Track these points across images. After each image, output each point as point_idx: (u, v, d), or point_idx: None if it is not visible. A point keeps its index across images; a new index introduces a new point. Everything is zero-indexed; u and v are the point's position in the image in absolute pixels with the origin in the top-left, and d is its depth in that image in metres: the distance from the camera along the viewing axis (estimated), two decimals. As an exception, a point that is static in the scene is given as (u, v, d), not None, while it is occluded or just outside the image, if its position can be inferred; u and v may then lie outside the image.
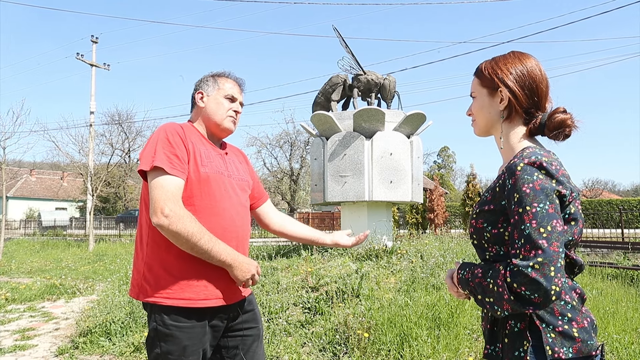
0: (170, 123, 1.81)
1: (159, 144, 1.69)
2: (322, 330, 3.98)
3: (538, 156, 1.15)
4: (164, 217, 1.58)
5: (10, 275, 10.86)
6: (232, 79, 1.95)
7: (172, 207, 1.60)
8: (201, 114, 1.89)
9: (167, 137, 1.70)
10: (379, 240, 6.42)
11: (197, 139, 1.81)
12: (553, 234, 1.08)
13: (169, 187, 1.63)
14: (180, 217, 1.60)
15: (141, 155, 1.73)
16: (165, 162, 1.65)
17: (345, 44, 7.42)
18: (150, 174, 1.67)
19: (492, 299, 1.14)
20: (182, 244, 1.62)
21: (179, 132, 1.74)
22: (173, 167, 1.66)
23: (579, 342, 1.14)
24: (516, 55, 1.30)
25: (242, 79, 1.99)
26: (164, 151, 1.67)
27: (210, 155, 1.80)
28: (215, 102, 1.87)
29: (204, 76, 1.96)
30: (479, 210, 1.27)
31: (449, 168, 60.98)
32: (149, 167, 1.66)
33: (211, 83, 1.91)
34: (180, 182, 1.67)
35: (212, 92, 1.89)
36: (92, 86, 27.99)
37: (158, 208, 1.60)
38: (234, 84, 1.94)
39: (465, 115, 1.43)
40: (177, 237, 1.60)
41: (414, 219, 16.05)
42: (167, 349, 1.65)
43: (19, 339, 5.05)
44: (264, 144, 29.35)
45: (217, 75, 1.95)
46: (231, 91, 1.90)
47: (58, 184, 44.24)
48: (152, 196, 1.63)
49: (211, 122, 1.87)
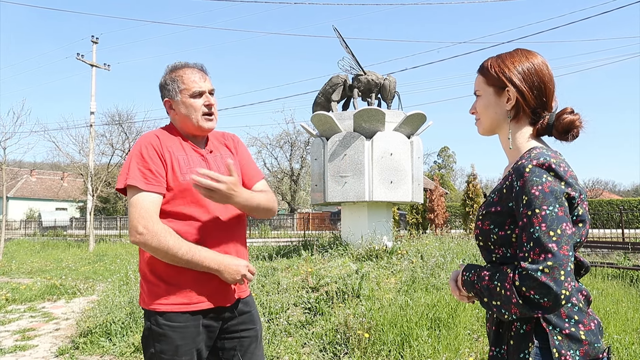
0: (146, 134, 1.77)
1: (132, 160, 1.69)
2: (322, 330, 3.98)
3: (546, 157, 1.13)
4: (138, 235, 1.62)
5: (11, 276, 10.86)
6: (189, 68, 1.80)
7: (145, 224, 1.62)
8: (177, 121, 1.81)
9: (140, 151, 1.69)
10: (379, 241, 6.42)
11: (176, 145, 1.76)
12: (563, 238, 1.06)
13: (143, 204, 1.64)
14: (155, 233, 1.61)
15: (120, 171, 1.74)
16: (139, 179, 1.65)
17: (345, 44, 7.42)
18: (127, 190, 1.69)
19: (500, 302, 1.12)
20: (164, 257, 1.65)
21: (154, 143, 1.71)
22: (148, 182, 1.66)
23: (586, 345, 1.12)
24: (523, 53, 1.27)
25: (201, 64, 1.84)
26: (138, 167, 1.67)
27: (191, 161, 1.75)
28: (184, 106, 1.76)
29: (163, 78, 1.81)
30: (485, 211, 1.24)
31: (449, 168, 60.96)
32: (122, 185, 1.68)
33: (172, 86, 1.77)
34: (156, 197, 1.67)
35: (176, 96, 1.77)
36: (93, 86, 27.98)
37: (133, 228, 1.63)
38: (194, 72, 1.78)
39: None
40: (156, 252, 1.64)
41: (414, 219, 16.05)
42: (161, 349, 1.67)
43: (19, 339, 5.05)
44: (264, 144, 29.34)
45: (174, 71, 1.80)
46: (195, 86, 1.75)
47: (58, 184, 44.26)
48: (129, 215, 1.67)
49: (189, 127, 1.79)
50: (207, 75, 1.83)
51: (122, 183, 1.69)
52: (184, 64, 1.83)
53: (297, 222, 25.43)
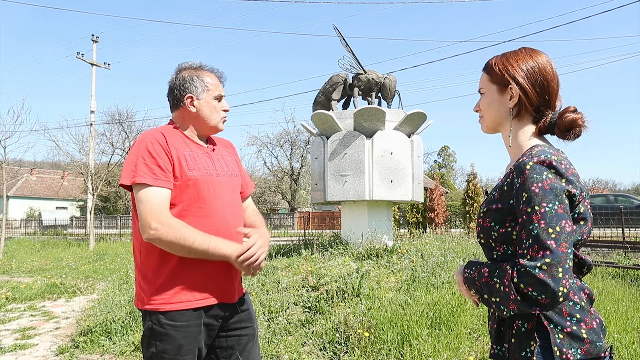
0: (150, 131, 1.78)
1: (139, 156, 1.67)
2: (322, 329, 3.98)
3: (547, 155, 1.13)
4: (152, 230, 1.59)
5: (11, 275, 10.87)
6: (215, 74, 1.86)
7: (158, 220, 1.60)
8: (193, 119, 1.81)
9: (147, 147, 1.68)
10: (379, 240, 6.42)
11: (180, 142, 1.77)
12: (562, 235, 1.07)
13: (154, 199, 1.62)
14: (170, 226, 1.60)
15: (124, 166, 1.72)
16: (147, 176, 1.64)
17: (345, 43, 7.41)
18: (134, 187, 1.66)
19: (499, 298, 1.13)
20: (179, 251, 1.62)
21: (160, 140, 1.71)
22: (157, 177, 1.65)
23: (588, 344, 1.12)
24: (527, 52, 1.27)
25: (222, 71, 1.90)
26: (146, 163, 1.65)
27: (197, 157, 1.77)
28: (209, 107, 1.80)
29: (187, 74, 1.82)
30: (486, 209, 1.25)
31: (450, 167, 60.94)
32: (129, 182, 1.65)
33: (199, 84, 1.80)
34: (166, 192, 1.66)
35: (202, 95, 1.79)
36: (93, 85, 27.99)
37: (146, 224, 1.60)
38: (217, 79, 1.85)
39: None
40: (172, 245, 1.61)
41: (414, 218, 16.05)
42: (163, 348, 1.65)
43: (19, 338, 5.05)
44: (265, 143, 29.36)
45: (199, 70, 1.84)
46: (218, 90, 1.83)
47: (58, 183, 44.26)
48: (139, 212, 1.64)
49: (204, 126, 1.82)
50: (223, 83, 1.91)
51: (128, 180, 1.66)
52: (208, 66, 1.88)
53: (297, 221, 25.45)
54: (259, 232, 1.79)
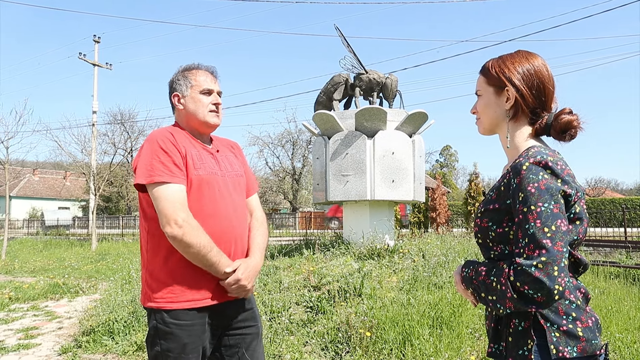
0: (159, 130, 1.80)
1: (154, 155, 1.68)
2: (324, 329, 3.98)
3: (544, 155, 1.15)
4: (177, 227, 1.59)
5: (14, 275, 10.90)
6: (202, 69, 1.89)
7: (184, 217, 1.61)
8: (183, 116, 1.86)
9: (160, 146, 1.70)
10: (381, 239, 6.42)
11: (187, 141, 1.79)
12: (557, 234, 1.08)
13: (175, 195, 1.63)
14: (194, 227, 1.62)
15: (135, 165, 1.73)
16: (164, 173, 1.65)
17: (347, 43, 7.42)
18: (150, 186, 1.67)
19: (495, 297, 1.15)
20: (190, 254, 1.63)
21: (170, 138, 1.73)
22: (173, 175, 1.66)
23: (584, 342, 1.14)
24: (523, 54, 1.29)
25: (213, 67, 1.93)
26: (161, 160, 1.67)
27: (203, 157, 1.79)
28: (193, 102, 1.83)
29: (174, 75, 1.89)
30: (483, 209, 1.27)
31: (451, 167, 60.85)
32: (146, 181, 1.66)
33: (183, 82, 1.85)
34: (184, 189, 1.68)
35: (186, 91, 1.84)
36: (95, 86, 28.00)
37: (171, 219, 1.60)
38: (206, 74, 1.88)
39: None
40: (189, 247, 1.62)
41: (415, 218, 16.04)
42: (167, 347, 1.66)
43: (22, 337, 5.07)
44: (266, 143, 29.38)
45: (187, 70, 1.88)
46: (205, 84, 1.84)
47: (61, 183, 44.34)
48: (159, 209, 1.63)
49: (194, 122, 1.84)
50: (217, 78, 1.92)
51: (145, 179, 1.66)
52: (197, 65, 1.91)
53: (299, 221, 25.44)
54: (246, 264, 1.78)
